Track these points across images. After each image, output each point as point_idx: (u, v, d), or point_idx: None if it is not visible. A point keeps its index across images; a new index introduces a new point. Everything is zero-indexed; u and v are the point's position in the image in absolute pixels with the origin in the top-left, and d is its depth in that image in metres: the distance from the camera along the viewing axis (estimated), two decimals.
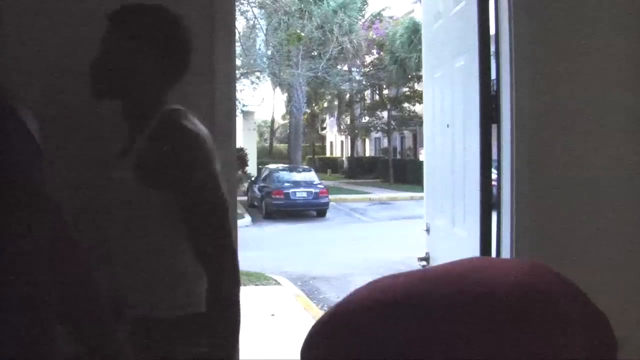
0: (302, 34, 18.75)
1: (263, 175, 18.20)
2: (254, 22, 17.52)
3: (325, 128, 38.24)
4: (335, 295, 7.41)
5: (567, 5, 2.12)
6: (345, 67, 24.13)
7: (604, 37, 2.14)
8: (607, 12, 2.14)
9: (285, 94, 28.50)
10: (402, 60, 21.49)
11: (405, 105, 24.50)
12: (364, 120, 28.58)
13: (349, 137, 33.28)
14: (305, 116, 29.77)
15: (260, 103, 22.28)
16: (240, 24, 16.73)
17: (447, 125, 2.65)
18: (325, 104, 32.67)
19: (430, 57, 3.02)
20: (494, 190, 2.25)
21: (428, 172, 3.04)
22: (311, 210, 16.25)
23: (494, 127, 2.24)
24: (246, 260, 7.80)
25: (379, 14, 23.70)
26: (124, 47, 1.47)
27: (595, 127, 2.13)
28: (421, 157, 8.45)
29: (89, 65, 1.53)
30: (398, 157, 27.49)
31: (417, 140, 25.76)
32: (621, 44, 2.15)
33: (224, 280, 1.51)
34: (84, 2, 1.76)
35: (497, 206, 2.21)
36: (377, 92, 26.66)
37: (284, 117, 35.45)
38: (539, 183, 2.11)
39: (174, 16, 1.52)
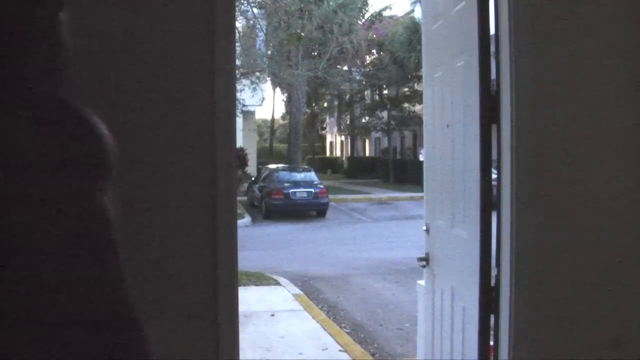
0: (302, 34, 18.73)
1: (263, 175, 18.19)
2: (254, 22, 17.49)
3: (325, 128, 38.23)
4: (336, 295, 7.41)
5: (567, 5, 2.12)
6: (345, 67, 24.12)
7: (604, 37, 2.14)
8: (608, 11, 2.14)
9: (285, 94, 28.50)
10: (401, 60, 21.50)
11: (405, 105, 24.51)
12: (364, 120, 28.57)
13: (349, 137, 33.29)
14: (305, 116, 29.74)
15: (260, 103, 22.25)
16: (240, 24, 16.71)
17: (447, 125, 2.66)
18: (325, 104, 32.65)
19: (430, 57, 3.02)
20: (494, 190, 2.25)
21: (428, 172, 3.04)
22: (311, 210, 16.25)
23: (494, 127, 2.24)
24: (246, 260, 7.82)
25: (379, 14, 23.69)
26: None
27: (595, 127, 2.13)
28: (421, 157, 8.44)
29: None
30: (398, 157, 27.49)
31: (417, 140, 25.75)
32: (622, 44, 2.15)
33: None
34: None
35: (497, 206, 2.21)
36: (377, 92, 26.66)
37: (284, 117, 35.46)
38: (539, 183, 2.11)
39: None
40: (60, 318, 1.06)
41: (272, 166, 19.80)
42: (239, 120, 17.56)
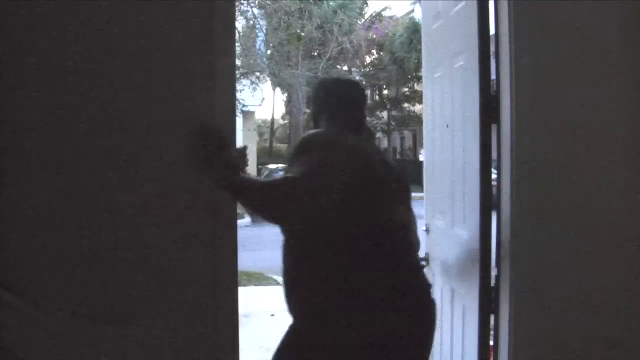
0: (302, 34, 18.71)
1: (263, 176, 18.18)
2: (254, 22, 17.46)
3: None
4: None
5: (567, 5, 2.12)
6: (345, 67, 24.09)
7: (604, 37, 2.14)
8: (608, 12, 2.14)
9: (285, 94, 28.47)
10: (401, 60, 21.48)
11: (405, 105, 24.48)
12: None
13: None
14: (305, 116, 29.72)
15: (260, 103, 22.22)
16: (240, 24, 16.67)
17: (447, 126, 2.65)
18: None
19: (429, 57, 3.02)
20: (494, 190, 2.25)
21: (428, 172, 3.04)
22: None
23: (493, 127, 2.24)
24: (246, 260, 7.77)
25: (379, 14, 23.66)
26: None
27: (595, 126, 2.13)
28: (421, 157, 8.42)
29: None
30: (398, 157, 27.46)
31: (417, 140, 25.73)
32: (621, 44, 2.15)
33: None
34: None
35: (497, 206, 2.21)
36: (377, 92, 26.65)
37: (284, 117, 35.40)
38: (539, 183, 2.11)
39: None
40: None
41: (272, 166, 19.78)
42: (239, 120, 17.54)
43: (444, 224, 2.74)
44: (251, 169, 20.69)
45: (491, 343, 2.26)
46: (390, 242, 1.83)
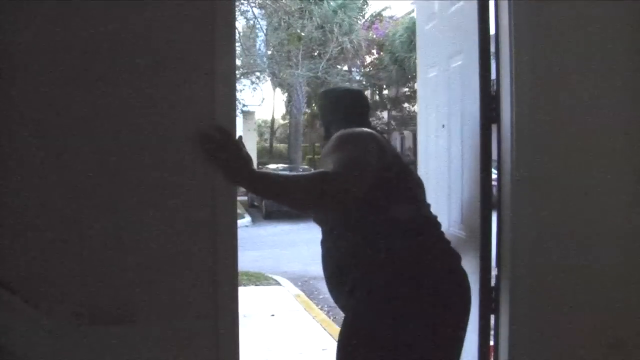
0: (302, 34, 18.71)
1: None
2: (254, 22, 17.48)
3: None
4: None
5: (567, 5, 2.12)
6: (345, 67, 24.10)
7: (604, 37, 2.14)
8: (608, 12, 2.14)
9: (285, 94, 28.46)
10: (402, 60, 21.49)
11: (405, 105, 24.50)
12: None
13: None
14: (305, 116, 29.73)
15: (260, 103, 22.23)
16: (240, 24, 16.69)
17: (443, 126, 2.65)
18: None
19: (424, 57, 3.02)
20: (494, 190, 2.25)
21: (424, 173, 3.04)
22: None
23: (494, 127, 2.24)
24: (246, 260, 7.75)
25: (379, 14, 23.66)
26: None
27: (595, 126, 2.13)
28: None
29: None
30: None
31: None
32: (622, 44, 2.15)
33: None
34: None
35: (497, 206, 2.21)
36: (377, 92, 26.65)
37: (284, 117, 35.40)
38: (539, 183, 2.11)
39: None
40: None
41: (272, 166, 19.77)
42: (239, 120, 17.55)
43: (443, 224, 2.73)
44: None
45: (491, 343, 2.26)
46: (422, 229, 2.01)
